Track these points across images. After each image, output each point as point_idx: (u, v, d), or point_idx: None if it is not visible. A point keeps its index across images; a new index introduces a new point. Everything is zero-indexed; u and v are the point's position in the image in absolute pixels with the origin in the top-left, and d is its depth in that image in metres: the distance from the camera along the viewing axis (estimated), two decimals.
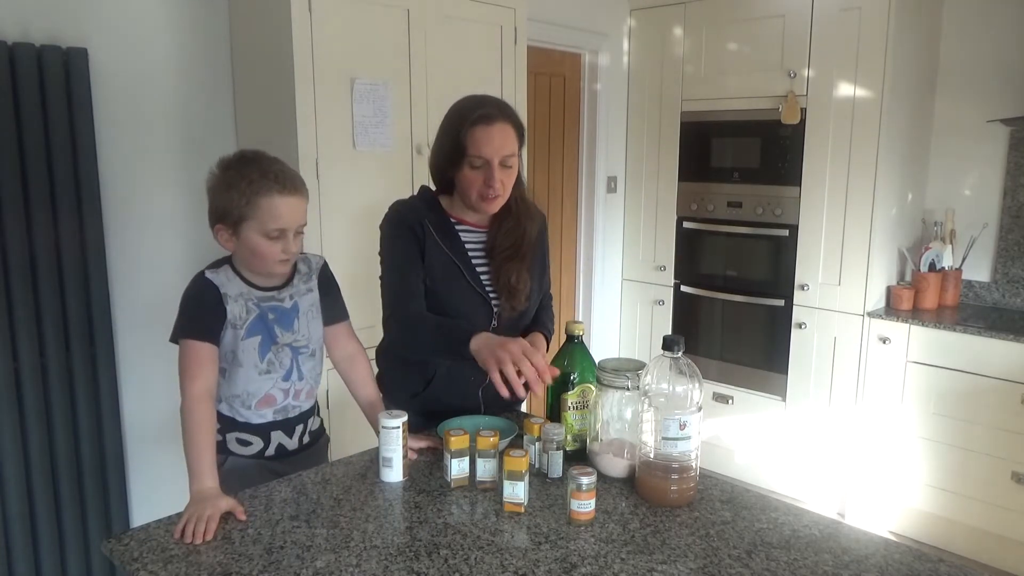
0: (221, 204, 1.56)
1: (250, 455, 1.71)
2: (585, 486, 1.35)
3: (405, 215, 1.79)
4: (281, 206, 1.55)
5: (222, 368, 1.64)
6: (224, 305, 1.60)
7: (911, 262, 3.38)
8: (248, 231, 1.56)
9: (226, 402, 1.68)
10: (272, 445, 1.71)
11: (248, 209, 1.54)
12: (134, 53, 2.42)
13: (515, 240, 1.81)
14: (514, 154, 1.71)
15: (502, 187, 1.71)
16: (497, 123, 1.67)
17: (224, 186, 1.56)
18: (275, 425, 1.71)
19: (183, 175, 2.58)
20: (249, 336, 1.64)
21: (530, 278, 1.83)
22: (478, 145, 1.66)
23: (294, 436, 1.74)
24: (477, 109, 1.69)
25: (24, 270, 2.18)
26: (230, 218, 1.56)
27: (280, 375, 1.68)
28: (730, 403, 3.77)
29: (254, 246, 1.57)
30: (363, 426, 1.90)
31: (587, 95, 3.90)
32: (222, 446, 1.69)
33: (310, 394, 1.77)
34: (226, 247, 1.61)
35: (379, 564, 1.23)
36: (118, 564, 1.27)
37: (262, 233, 1.55)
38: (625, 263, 4.18)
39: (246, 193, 1.53)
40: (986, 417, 2.95)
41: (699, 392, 1.43)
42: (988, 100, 3.28)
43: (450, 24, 2.79)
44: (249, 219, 1.55)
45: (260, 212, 1.54)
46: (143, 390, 2.54)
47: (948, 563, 1.25)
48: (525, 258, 1.82)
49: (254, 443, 1.70)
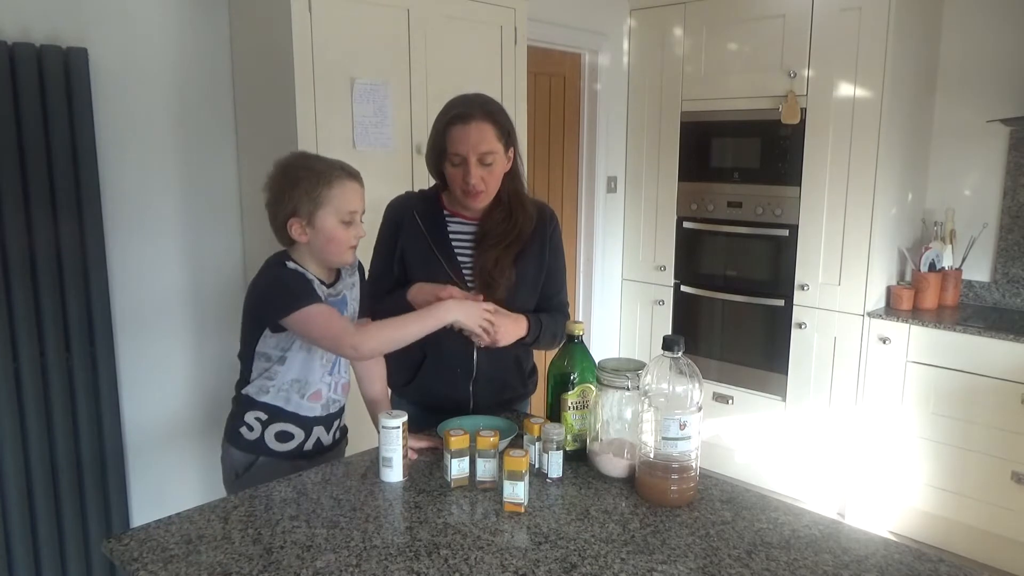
0: (292, 199, 1.61)
1: (287, 451, 1.71)
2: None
3: (395, 208, 1.91)
4: (351, 191, 1.64)
5: (282, 356, 1.67)
6: (314, 287, 1.64)
7: (911, 262, 3.38)
8: (323, 219, 1.62)
9: (278, 390, 1.69)
10: (312, 440, 1.74)
11: (323, 197, 1.60)
12: (134, 53, 2.42)
13: (502, 230, 1.82)
14: (493, 152, 1.74)
15: (482, 183, 1.75)
16: (473, 122, 1.72)
17: (292, 182, 1.61)
18: (319, 420, 1.74)
19: (183, 175, 2.58)
20: None
21: (513, 270, 1.82)
22: (455, 143, 1.73)
23: (331, 431, 1.78)
24: (454, 109, 1.75)
25: (24, 270, 2.17)
26: (304, 210, 1.61)
27: (328, 368, 1.73)
28: (730, 403, 3.77)
29: (330, 233, 1.63)
30: (363, 426, 1.90)
31: (587, 95, 3.90)
32: (257, 444, 1.71)
33: (346, 388, 1.80)
34: (299, 240, 1.64)
35: (379, 564, 1.23)
36: (118, 564, 1.27)
37: (338, 218, 1.62)
38: (625, 263, 4.18)
39: (319, 184, 1.60)
40: (986, 417, 2.95)
41: (699, 392, 1.43)
42: (988, 100, 3.28)
43: (450, 24, 2.79)
44: (324, 206, 1.61)
45: (334, 198, 1.61)
46: (143, 390, 2.54)
47: (948, 563, 1.25)
48: (510, 248, 1.82)
49: (296, 436, 1.71)
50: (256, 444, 1.70)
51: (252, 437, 1.70)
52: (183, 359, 2.63)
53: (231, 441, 1.73)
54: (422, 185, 2.47)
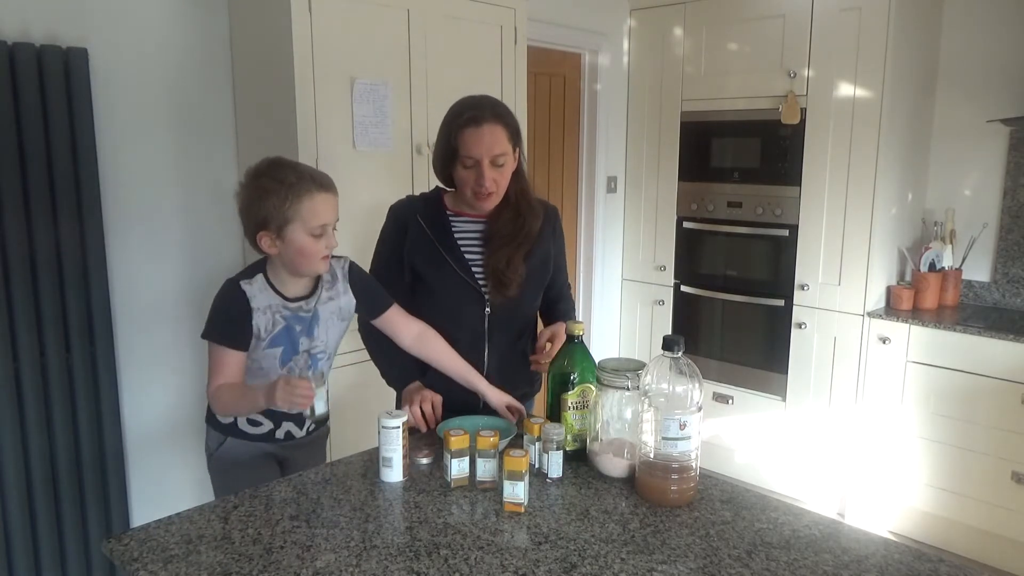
0: (261, 212, 1.60)
1: (256, 434, 1.76)
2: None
3: (397, 212, 1.91)
4: (321, 203, 1.61)
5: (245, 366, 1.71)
6: (251, 317, 1.65)
7: (911, 262, 3.38)
8: (293, 232, 1.60)
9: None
10: (282, 430, 1.78)
11: (292, 211, 1.59)
12: (134, 53, 2.42)
13: (512, 229, 1.84)
14: (505, 153, 1.75)
15: (494, 185, 1.76)
16: (486, 124, 1.72)
17: (261, 194, 1.60)
18: (288, 416, 1.77)
19: (183, 175, 2.58)
20: (271, 347, 1.69)
21: (525, 268, 1.84)
22: (467, 146, 1.73)
23: (304, 427, 1.81)
24: (466, 111, 1.75)
25: (24, 270, 2.17)
26: (273, 223, 1.60)
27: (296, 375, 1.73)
28: (730, 403, 3.77)
29: (300, 246, 1.62)
30: (362, 426, 1.90)
31: (587, 95, 3.90)
32: (229, 427, 1.76)
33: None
34: (270, 252, 1.65)
35: (379, 564, 1.23)
36: (118, 564, 1.27)
37: (307, 232, 1.60)
38: (625, 263, 4.18)
39: (288, 196, 1.58)
40: (986, 417, 2.95)
41: (699, 392, 1.43)
42: (988, 100, 3.28)
43: (450, 24, 2.79)
44: (293, 220, 1.59)
45: (303, 212, 1.59)
46: (143, 390, 2.54)
47: (948, 563, 1.25)
48: (520, 247, 1.84)
49: (264, 424, 1.76)
50: (228, 427, 1.77)
51: (226, 421, 1.76)
52: (183, 359, 2.63)
53: (208, 421, 1.81)
54: (422, 185, 2.47)
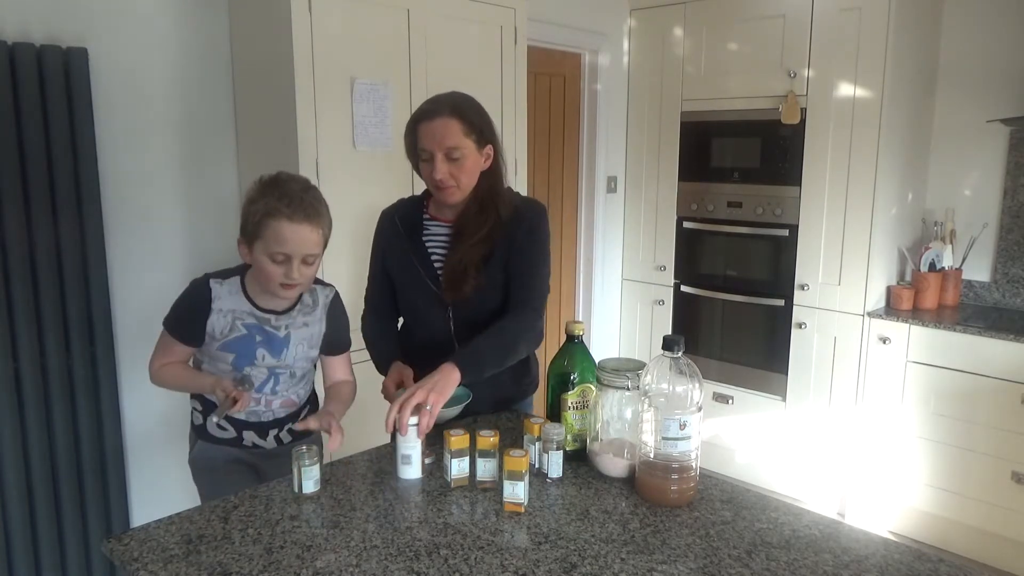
0: (244, 218, 1.64)
1: (225, 439, 1.79)
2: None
3: (381, 216, 1.96)
4: (286, 232, 1.59)
5: (200, 361, 1.77)
6: (208, 316, 1.68)
7: (911, 262, 3.38)
8: (257, 250, 1.63)
9: None
10: (246, 440, 1.80)
11: (258, 229, 1.60)
12: (134, 53, 2.42)
13: (472, 228, 1.81)
14: (458, 147, 1.75)
15: (451, 178, 1.77)
16: (439, 118, 1.74)
17: (248, 201, 1.64)
18: (247, 425, 1.78)
19: (183, 175, 2.58)
20: (223, 351, 1.70)
21: (481, 271, 1.79)
22: (421, 139, 1.77)
23: (268, 438, 1.81)
24: (425, 106, 1.79)
25: (24, 270, 2.17)
26: (246, 233, 1.64)
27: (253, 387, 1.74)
28: (730, 403, 3.77)
29: (260, 265, 1.64)
30: (362, 426, 1.90)
31: (587, 95, 3.90)
32: (200, 430, 1.80)
33: (287, 404, 1.81)
34: (244, 259, 1.69)
35: (379, 564, 1.23)
36: (118, 564, 1.27)
37: (267, 254, 1.61)
38: (625, 263, 4.18)
39: (260, 213, 1.60)
40: (986, 417, 2.95)
41: (699, 392, 1.43)
42: (988, 100, 3.28)
43: (450, 24, 2.79)
44: (260, 238, 1.61)
45: (267, 234, 1.60)
46: (143, 390, 2.54)
47: (948, 563, 1.25)
48: (476, 247, 1.80)
49: (228, 430, 1.79)
50: (200, 429, 1.81)
51: (198, 423, 1.81)
52: None
53: (190, 423, 1.85)
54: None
